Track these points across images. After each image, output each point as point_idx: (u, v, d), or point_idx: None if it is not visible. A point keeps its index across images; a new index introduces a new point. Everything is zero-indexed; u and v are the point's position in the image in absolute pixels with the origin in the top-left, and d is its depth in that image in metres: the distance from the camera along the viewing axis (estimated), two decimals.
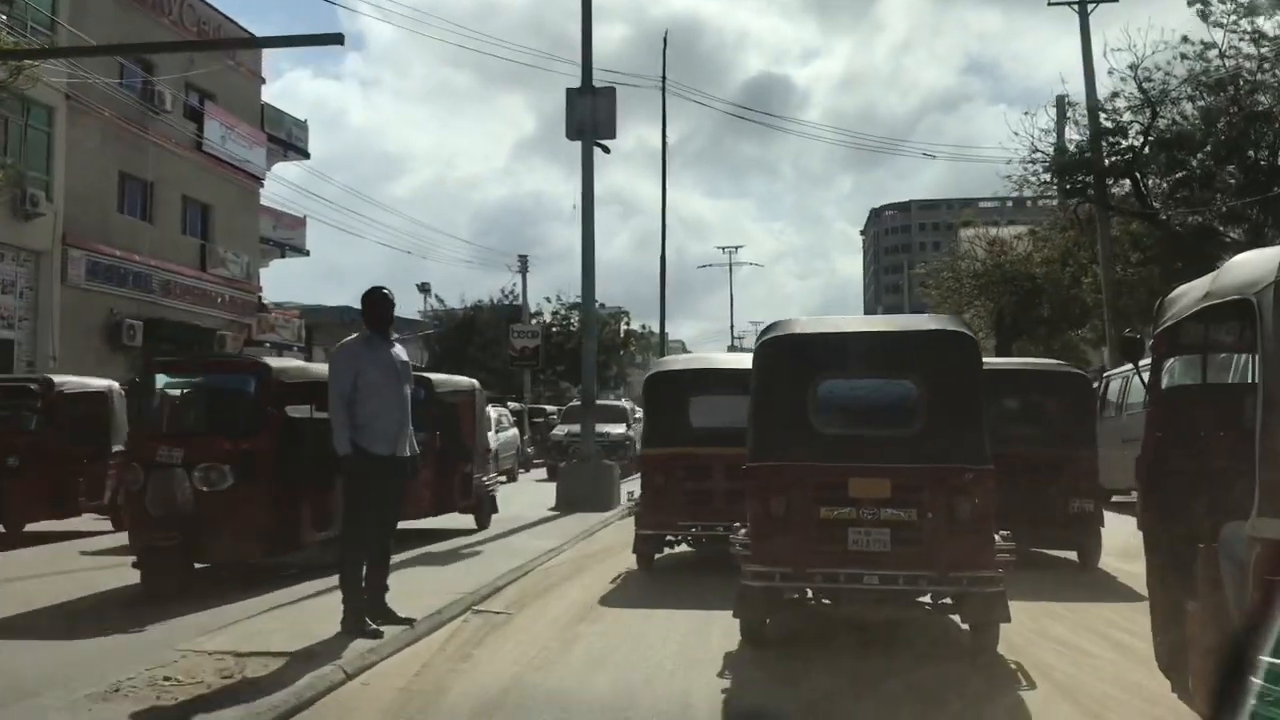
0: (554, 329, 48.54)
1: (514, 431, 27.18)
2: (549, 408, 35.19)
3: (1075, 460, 10.07)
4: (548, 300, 52.02)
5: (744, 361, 8.78)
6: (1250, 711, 2.76)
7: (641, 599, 8.78)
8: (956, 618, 6.76)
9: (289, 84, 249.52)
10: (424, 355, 46.57)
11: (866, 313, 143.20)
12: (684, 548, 10.82)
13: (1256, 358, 3.83)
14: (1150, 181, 23.88)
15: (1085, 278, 29.56)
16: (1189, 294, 4.60)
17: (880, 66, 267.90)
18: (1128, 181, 24.35)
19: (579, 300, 54.96)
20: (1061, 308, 30.24)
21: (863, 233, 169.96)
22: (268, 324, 34.08)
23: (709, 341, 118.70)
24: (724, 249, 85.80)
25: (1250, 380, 4.49)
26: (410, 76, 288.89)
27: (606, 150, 18.61)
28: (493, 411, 23.42)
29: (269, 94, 36.29)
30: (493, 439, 21.19)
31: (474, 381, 14.97)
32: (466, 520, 13.97)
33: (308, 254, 37.61)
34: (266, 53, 32.72)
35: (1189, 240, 22.50)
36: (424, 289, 49.59)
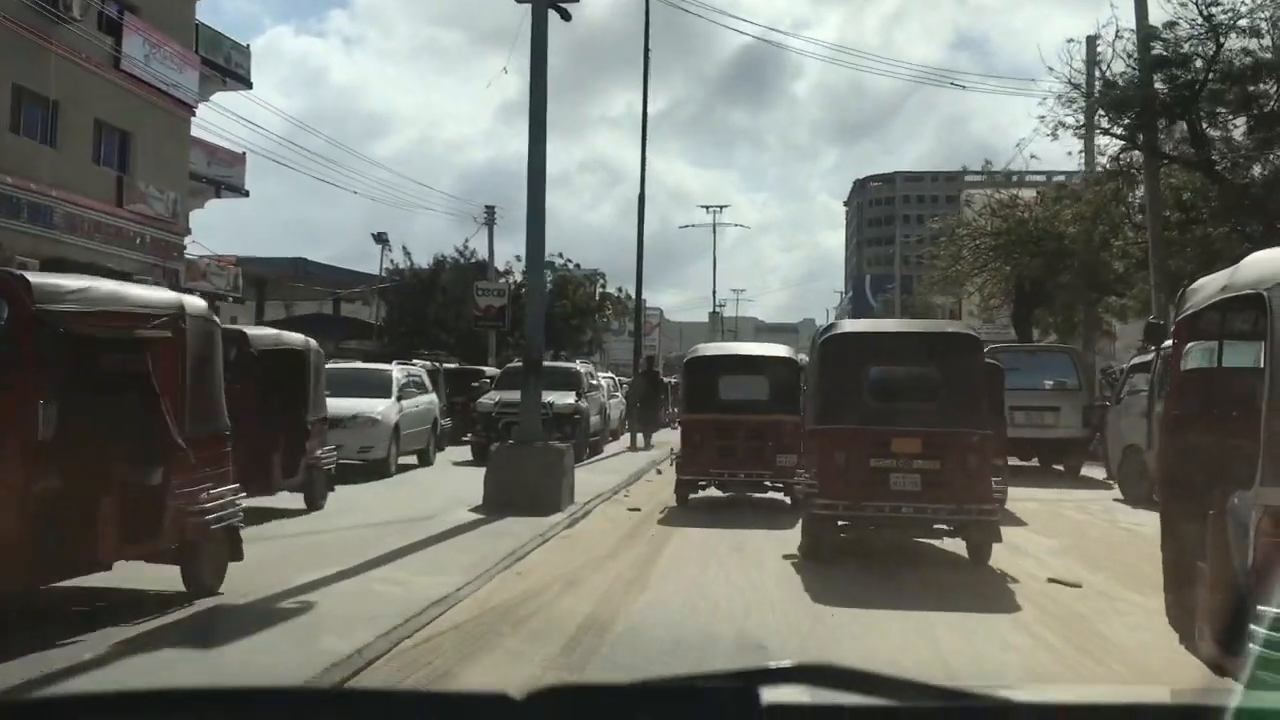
0: (524, 289, 45.42)
1: (429, 400, 20.15)
2: (489, 369, 28.39)
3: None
4: (517, 259, 47.21)
5: (761, 349, 16.12)
6: (1253, 657, 3.73)
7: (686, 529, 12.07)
8: (957, 544, 9.42)
9: (271, 40, 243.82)
10: (377, 312, 42.82)
11: (849, 281, 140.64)
12: (712, 491, 14.32)
13: (1266, 346, 4.42)
14: (1204, 126, 20.47)
15: (1115, 239, 26.12)
16: (1208, 286, 5.27)
17: (870, 39, 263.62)
18: (1183, 125, 20.94)
19: (552, 258, 50.27)
20: (1089, 273, 26.67)
21: (846, 204, 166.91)
22: (198, 270, 30.40)
23: (690, 309, 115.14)
24: (708, 208, 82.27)
25: (1260, 366, 4.69)
26: (395, 35, 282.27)
27: (566, 16, 13.67)
28: (398, 372, 19.23)
29: (208, 15, 32.30)
30: (386, 408, 17.51)
31: (306, 339, 13.32)
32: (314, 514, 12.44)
33: (246, 194, 33.84)
34: (248, 5, 28.80)
35: (1258, 194, 19.23)
36: (380, 239, 44.04)
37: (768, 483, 13.84)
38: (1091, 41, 24.71)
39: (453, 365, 28.47)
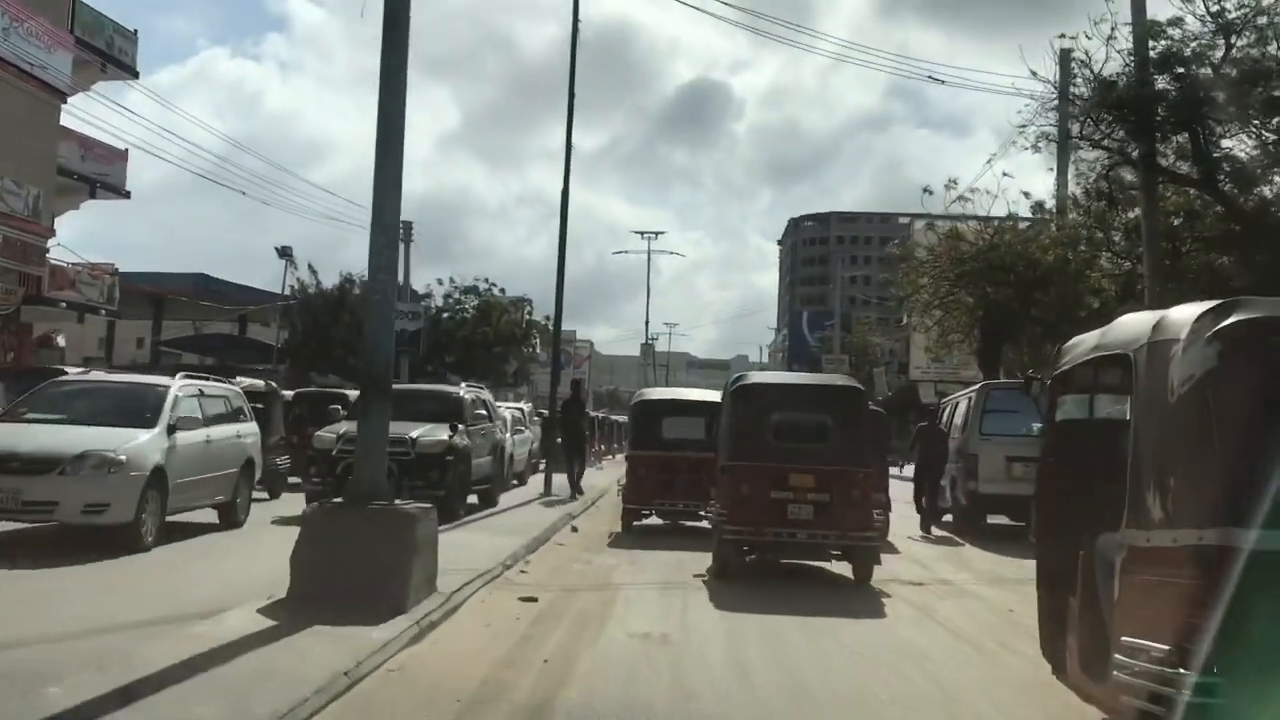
0: (445, 314, 42.47)
1: (237, 432, 13.81)
2: (351, 392, 19.55)
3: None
4: (439, 282, 44.50)
5: (699, 395, 17.61)
6: (1114, 682, 4.44)
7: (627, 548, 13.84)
8: (846, 565, 11.13)
9: (205, 61, 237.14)
10: (279, 334, 38.94)
11: (784, 319, 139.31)
12: (653, 519, 15.93)
13: (1131, 401, 4.94)
14: (1206, 139, 17.99)
15: (1091, 271, 23.66)
16: (1082, 344, 5.81)
17: (808, 84, 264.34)
18: (1178, 139, 18.49)
19: (476, 282, 44.63)
20: (1063, 304, 24.05)
21: (780, 242, 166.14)
22: (65, 278, 26.67)
23: (623, 342, 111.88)
24: (643, 234, 77.46)
25: (1127, 419, 5.07)
26: (334, 62, 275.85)
27: None
28: (180, 389, 12.49)
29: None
30: (141, 444, 11.19)
31: None
32: None
33: (127, 195, 30.17)
34: (182, 25, 25.32)
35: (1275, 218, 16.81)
36: (284, 254, 38.96)
37: (702, 512, 14.54)
38: (1066, 55, 22.63)
39: (310, 388, 24.99)
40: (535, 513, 16.91)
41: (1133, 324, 5.18)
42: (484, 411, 18.39)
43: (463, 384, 19.67)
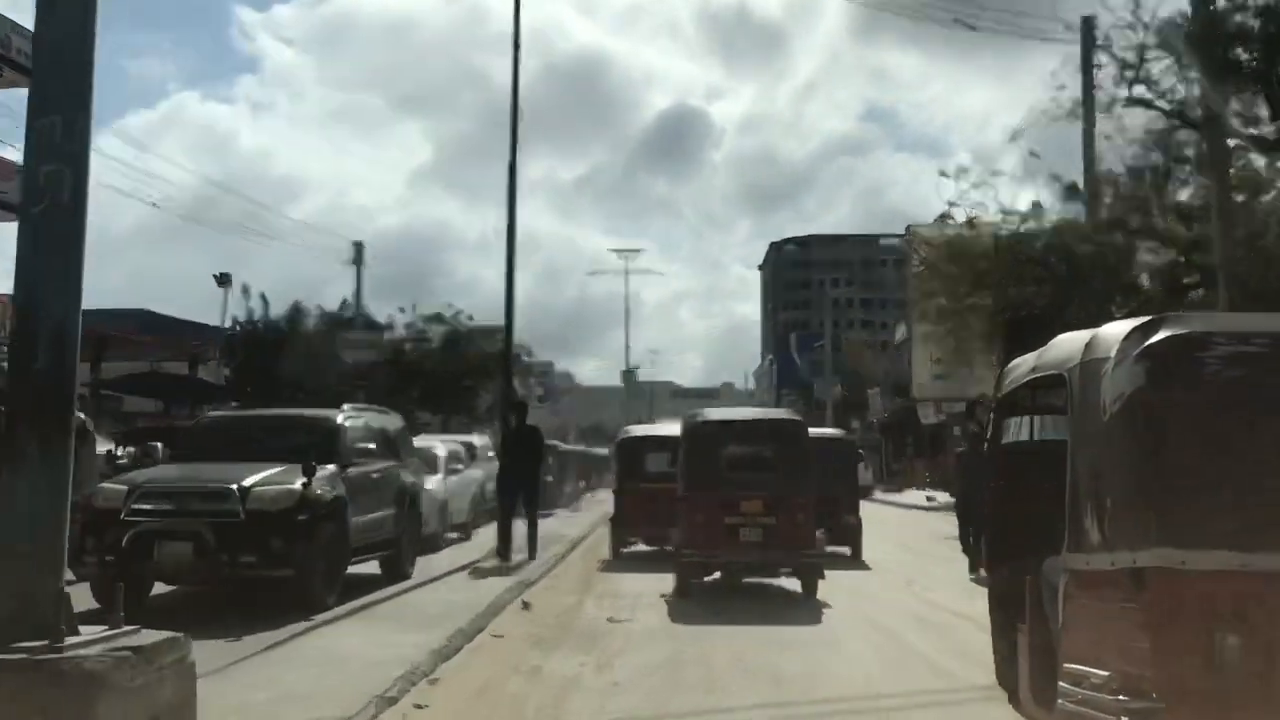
0: (407, 344, 39.26)
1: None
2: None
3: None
4: (400, 311, 40.55)
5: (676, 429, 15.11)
6: (1060, 710, 4.49)
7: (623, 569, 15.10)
8: (793, 582, 12.28)
9: (175, 105, 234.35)
10: (219, 370, 35.28)
11: (768, 345, 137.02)
12: (641, 546, 16.90)
13: (1069, 422, 4.83)
14: None
15: (1130, 263, 20.62)
16: (1023, 366, 5.72)
17: (783, 111, 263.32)
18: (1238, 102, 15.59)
19: (441, 310, 40.80)
20: (1099, 303, 20.79)
21: (760, 267, 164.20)
22: None
23: (606, 376, 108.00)
24: (620, 253, 71.72)
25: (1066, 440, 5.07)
26: (306, 100, 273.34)
27: None
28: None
29: None
30: None
31: None
32: None
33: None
34: (152, 70, 21.96)
35: None
36: (222, 281, 35.46)
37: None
38: (1089, 23, 20.28)
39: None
40: (466, 587, 12.29)
41: (1068, 343, 5.16)
42: (376, 445, 12.57)
43: (346, 405, 13.22)
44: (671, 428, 17.81)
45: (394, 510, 12.46)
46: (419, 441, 17.29)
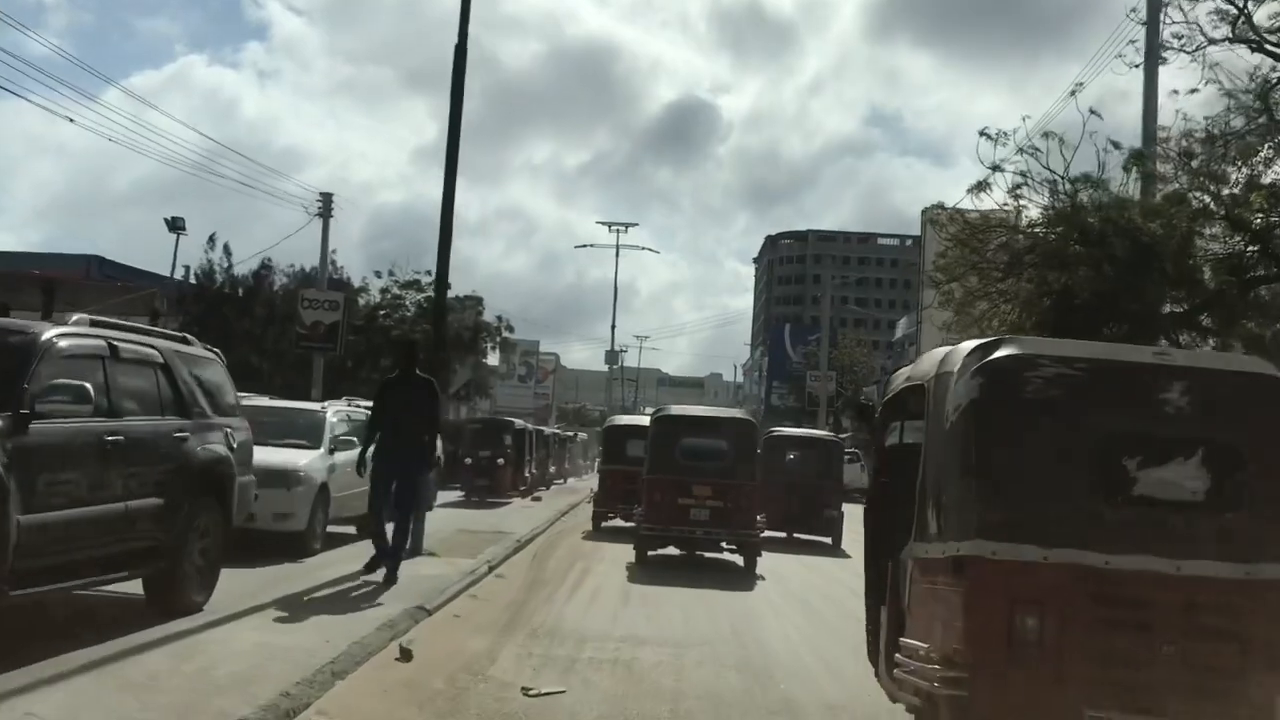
0: (382, 312, 37.76)
1: None
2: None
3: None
4: (377, 275, 39.15)
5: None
6: (895, 679, 5.33)
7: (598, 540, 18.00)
8: (737, 558, 14.92)
9: (182, 68, 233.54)
10: (163, 320, 32.75)
11: (762, 335, 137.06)
12: (618, 522, 19.11)
13: (924, 427, 5.47)
14: None
15: (1193, 248, 18.07)
16: (901, 375, 6.37)
17: (786, 106, 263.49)
18: None
19: (417, 275, 37.54)
20: (1159, 288, 18.24)
21: (755, 260, 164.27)
22: None
23: (594, 359, 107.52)
24: (610, 226, 65.64)
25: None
26: (312, 71, 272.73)
27: None
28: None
29: None
30: None
31: None
32: None
33: None
34: (162, 33, 21.97)
35: None
36: (175, 226, 31.85)
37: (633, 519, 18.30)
38: None
39: None
40: (300, 625, 8.05)
41: (931, 357, 5.69)
42: (136, 389, 7.84)
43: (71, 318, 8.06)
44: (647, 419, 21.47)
45: (159, 500, 7.73)
46: (303, 405, 15.51)
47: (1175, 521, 4.68)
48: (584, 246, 69.52)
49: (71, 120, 51.05)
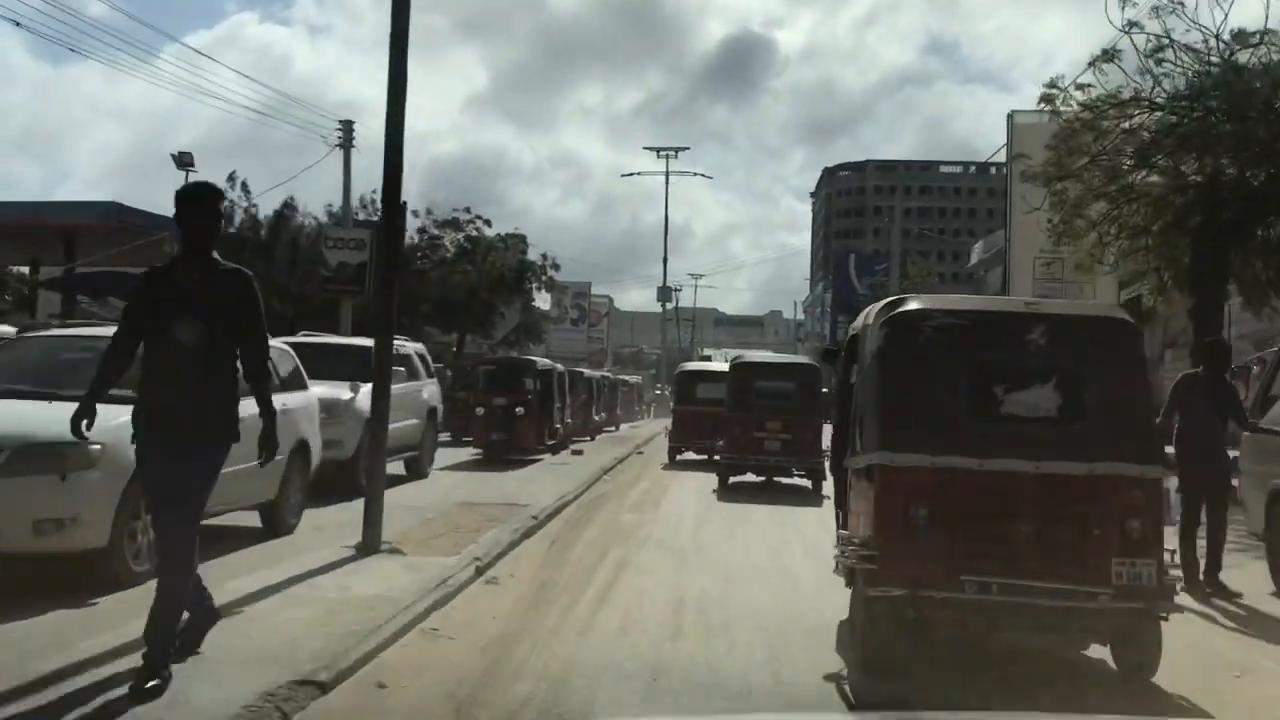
0: (420, 255, 35.38)
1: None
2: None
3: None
4: (414, 214, 35.28)
5: (725, 367, 22.81)
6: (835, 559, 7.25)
7: (677, 470, 21.38)
8: (806, 481, 18.15)
9: (234, 26, 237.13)
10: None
11: (825, 268, 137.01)
12: (690, 455, 23.10)
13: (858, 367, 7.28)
14: None
15: None
16: (856, 322, 7.66)
17: (841, 39, 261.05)
18: None
19: (456, 214, 36.48)
20: None
21: (813, 194, 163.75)
22: None
23: (651, 304, 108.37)
24: (659, 151, 61.87)
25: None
26: (363, 23, 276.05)
27: None
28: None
29: None
30: None
31: None
32: None
33: None
34: None
35: None
36: (183, 162, 30.44)
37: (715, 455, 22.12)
38: None
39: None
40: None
41: (865, 312, 7.32)
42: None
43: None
44: (716, 366, 27.16)
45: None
46: (350, 341, 17.28)
47: (1034, 432, 6.25)
48: (631, 175, 70.90)
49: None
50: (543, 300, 49.29)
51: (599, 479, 18.76)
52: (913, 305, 6.67)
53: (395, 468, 14.18)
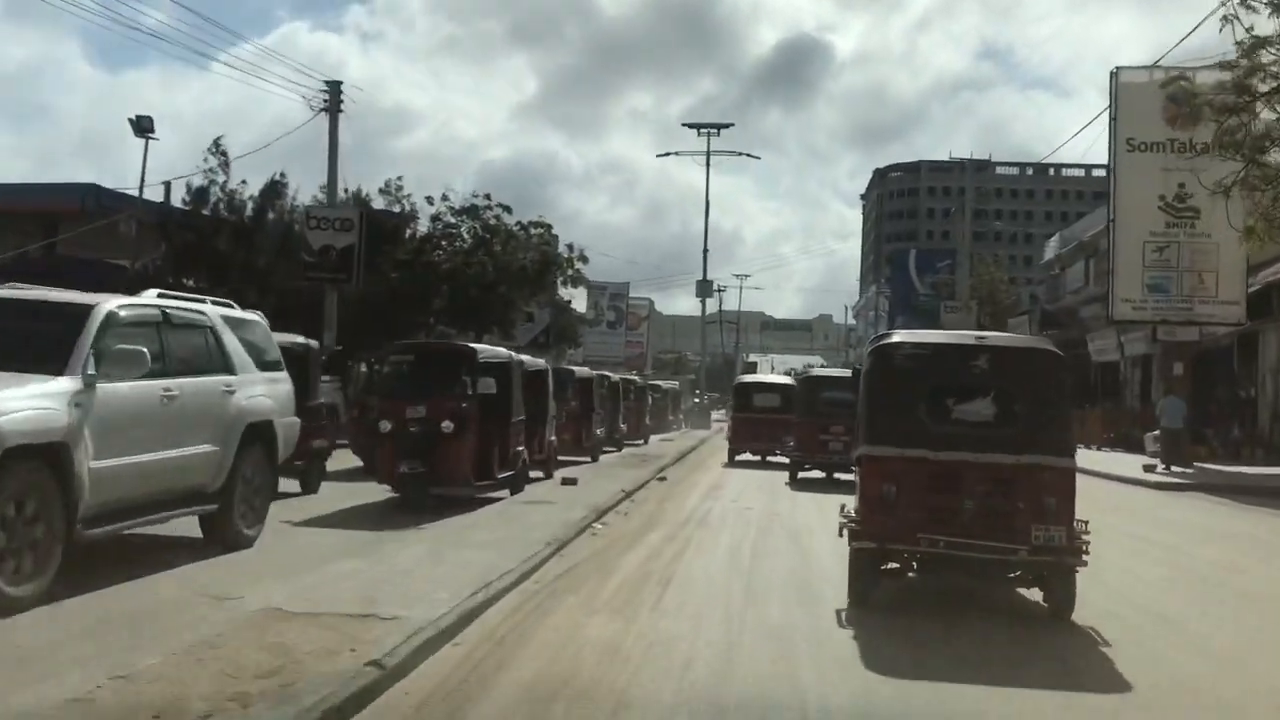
0: (437, 247, 33.30)
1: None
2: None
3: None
4: (428, 201, 33.50)
5: (777, 379, 37.09)
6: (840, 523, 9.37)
7: (735, 468, 26.76)
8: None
9: (286, 35, 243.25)
10: (133, 253, 28.42)
11: (867, 280, 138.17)
12: (748, 455, 28.58)
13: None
14: None
15: None
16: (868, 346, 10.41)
17: (894, 44, 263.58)
18: None
19: (474, 200, 33.01)
20: None
21: (863, 196, 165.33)
22: None
23: (695, 311, 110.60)
24: (699, 129, 60.40)
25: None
26: (414, 31, 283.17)
27: None
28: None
29: None
30: None
31: None
32: None
33: None
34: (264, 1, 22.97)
35: None
36: (142, 128, 28.60)
37: (778, 450, 26.56)
38: None
39: None
40: None
41: (869, 348, 9.95)
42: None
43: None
44: (770, 377, 38.40)
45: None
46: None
47: (976, 433, 8.91)
48: (667, 155, 69.44)
49: None
50: (579, 302, 48.14)
51: (577, 534, 12.80)
52: (893, 339, 9.51)
53: (185, 526, 9.85)
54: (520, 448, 16.59)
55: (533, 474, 17.97)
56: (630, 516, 15.54)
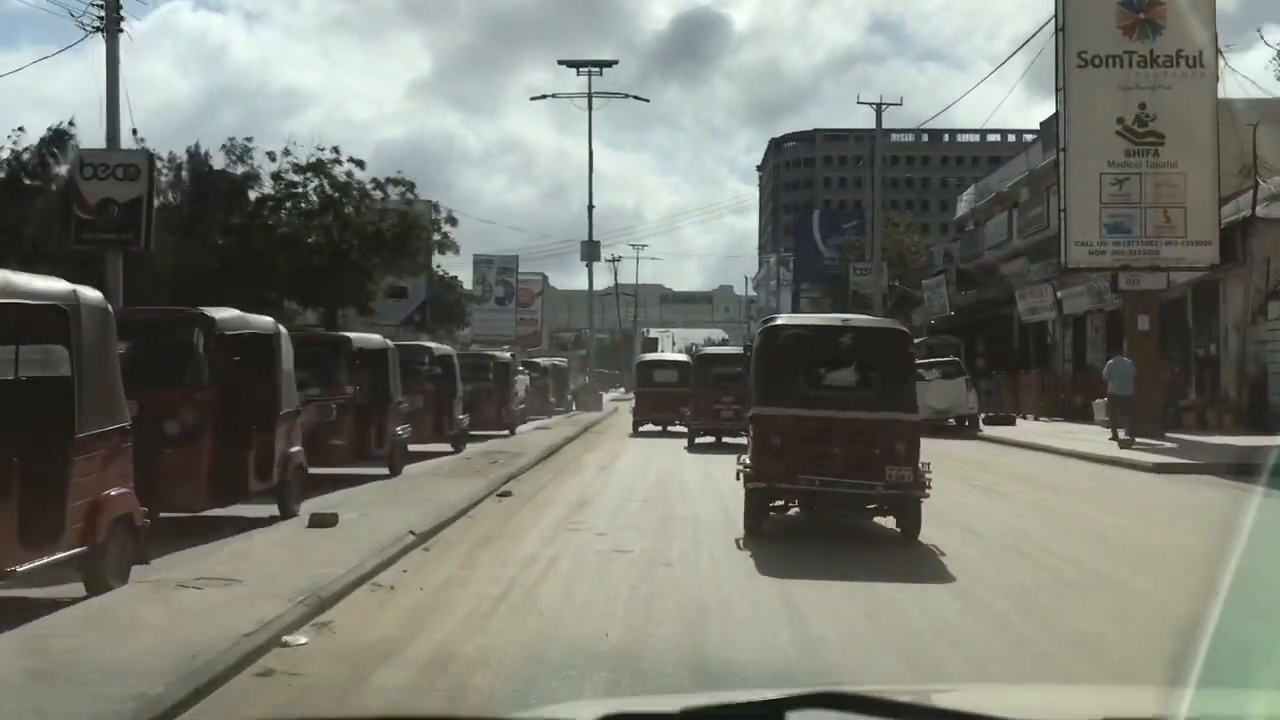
0: (279, 209, 29.71)
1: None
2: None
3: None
4: (270, 156, 29.40)
5: (676, 356, 41.24)
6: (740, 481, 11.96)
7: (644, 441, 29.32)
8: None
9: (165, 16, 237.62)
10: None
11: (766, 250, 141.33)
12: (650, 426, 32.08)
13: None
14: None
15: None
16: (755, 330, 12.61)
17: (787, 20, 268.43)
18: None
19: (320, 154, 28.75)
20: None
21: (759, 168, 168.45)
22: None
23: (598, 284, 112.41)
24: (578, 67, 55.01)
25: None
26: (300, 10, 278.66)
27: None
28: None
29: None
30: None
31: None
32: None
33: None
34: None
35: None
36: None
37: (677, 421, 29.82)
38: None
39: None
40: None
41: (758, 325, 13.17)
42: None
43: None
44: (670, 356, 43.21)
45: None
46: None
47: (843, 395, 11.79)
48: (541, 97, 61.12)
49: None
50: (466, 276, 45.08)
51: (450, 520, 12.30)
52: (777, 322, 12.63)
53: None
54: (295, 448, 12.65)
55: (375, 471, 16.96)
56: (386, 607, 8.48)
